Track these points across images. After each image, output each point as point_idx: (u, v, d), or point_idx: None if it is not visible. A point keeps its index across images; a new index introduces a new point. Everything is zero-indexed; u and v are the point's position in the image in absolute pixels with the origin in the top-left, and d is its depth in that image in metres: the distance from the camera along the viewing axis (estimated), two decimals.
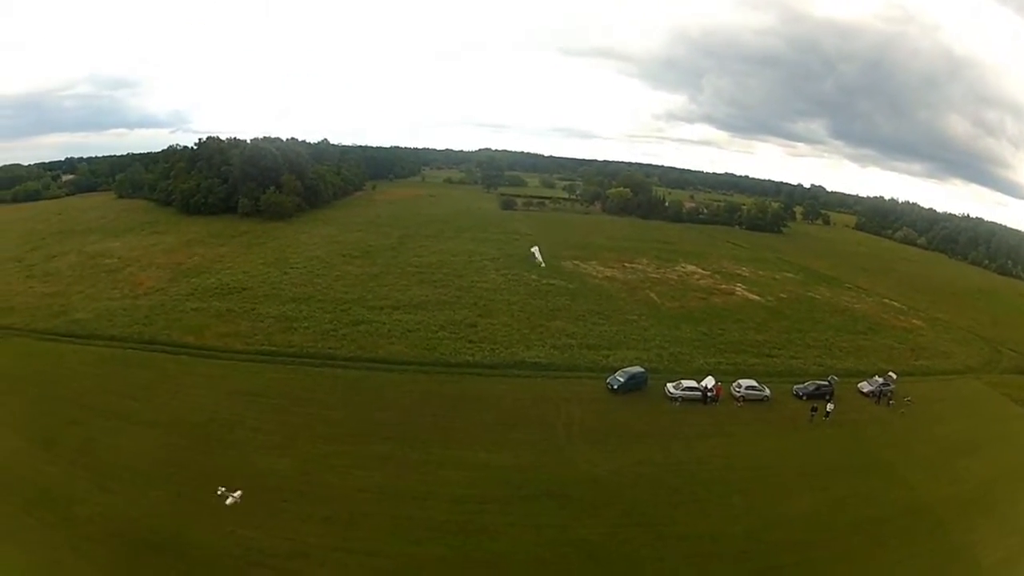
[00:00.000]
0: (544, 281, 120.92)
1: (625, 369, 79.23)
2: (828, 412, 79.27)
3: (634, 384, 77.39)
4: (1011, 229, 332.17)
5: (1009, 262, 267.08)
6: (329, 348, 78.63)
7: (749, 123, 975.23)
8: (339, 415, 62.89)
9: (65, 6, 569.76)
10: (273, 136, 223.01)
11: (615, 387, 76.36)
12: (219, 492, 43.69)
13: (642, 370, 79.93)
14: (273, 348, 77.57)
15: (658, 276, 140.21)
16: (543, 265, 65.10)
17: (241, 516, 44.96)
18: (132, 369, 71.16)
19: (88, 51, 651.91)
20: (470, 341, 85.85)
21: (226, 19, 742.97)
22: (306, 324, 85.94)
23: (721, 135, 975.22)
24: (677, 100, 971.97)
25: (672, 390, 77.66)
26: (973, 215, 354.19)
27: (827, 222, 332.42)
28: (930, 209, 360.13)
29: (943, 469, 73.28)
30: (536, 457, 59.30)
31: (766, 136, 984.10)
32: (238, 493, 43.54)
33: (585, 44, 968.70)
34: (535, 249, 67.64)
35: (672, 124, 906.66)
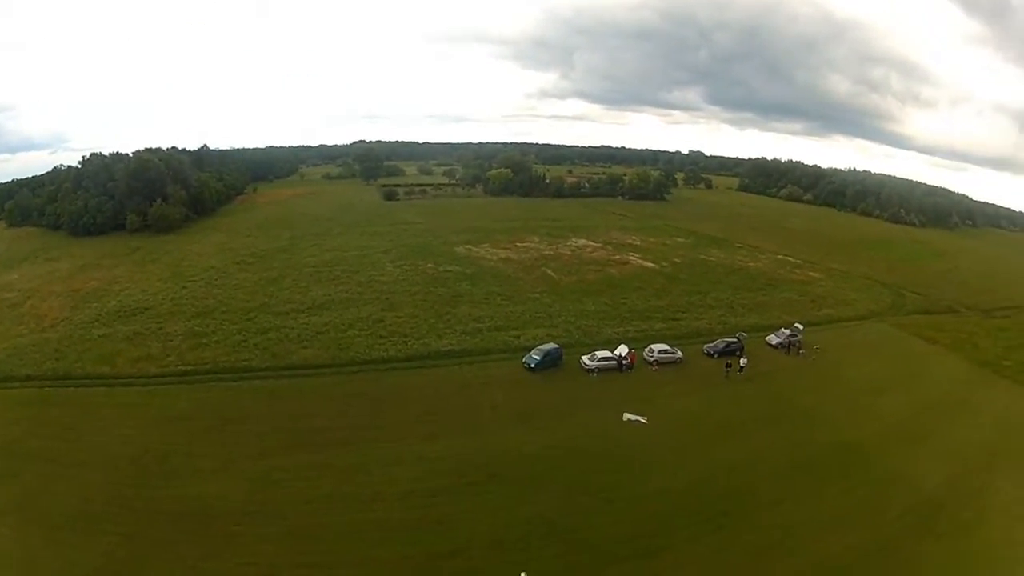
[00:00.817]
0: (441, 268, 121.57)
1: (539, 347, 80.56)
2: (742, 367, 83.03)
3: (550, 361, 78.66)
4: (901, 179, 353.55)
5: (901, 210, 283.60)
6: (243, 360, 76.78)
7: (623, 95, 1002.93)
8: (267, 428, 61.48)
9: None
10: (155, 147, 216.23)
11: (532, 365, 77.44)
12: None
13: (556, 346, 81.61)
14: (188, 367, 75.03)
15: (551, 252, 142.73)
16: (644, 421, 66.20)
17: (199, 548, 44.08)
18: (54, 409, 67.28)
19: None
20: (381, 336, 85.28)
21: (96, 32, 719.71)
22: (215, 338, 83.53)
23: (595, 108, 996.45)
24: (549, 78, 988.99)
25: (588, 362, 79.65)
26: (860, 168, 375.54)
27: (709, 186, 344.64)
28: (814, 166, 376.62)
29: (863, 408, 78.13)
30: (471, 443, 60.05)
31: (641, 107, 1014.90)
32: None
33: (457, 29, 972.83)
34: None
35: (545, 101, 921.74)
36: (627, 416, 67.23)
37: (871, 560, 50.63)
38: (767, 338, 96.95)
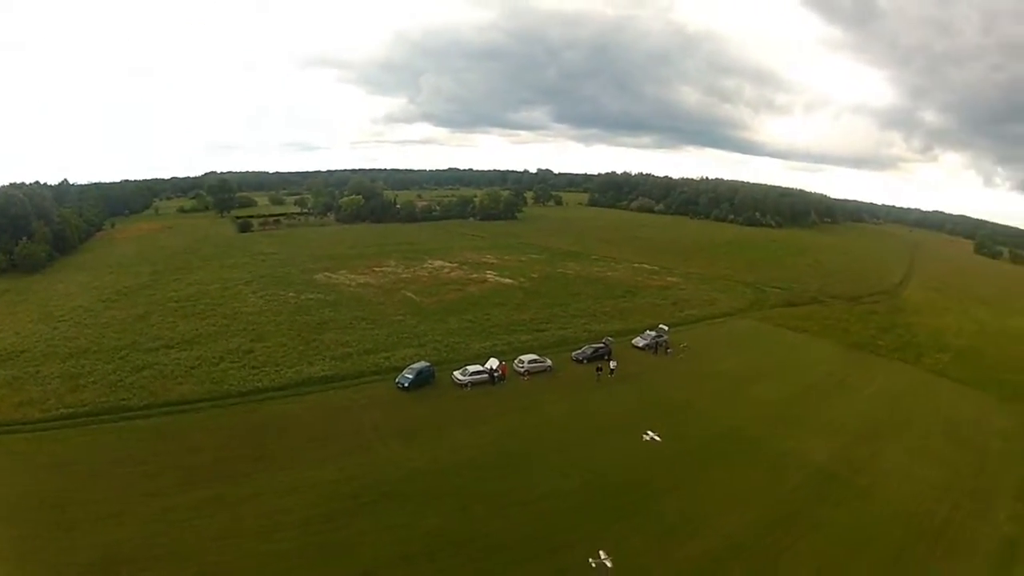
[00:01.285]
0: (303, 297, 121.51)
1: (411, 366, 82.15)
2: (612, 369, 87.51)
3: (423, 379, 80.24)
4: (754, 184, 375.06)
5: (756, 213, 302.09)
6: (122, 400, 73.99)
7: (470, 117, 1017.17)
8: (155, 467, 59.64)
9: None
10: (19, 182, 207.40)
11: (406, 385, 78.64)
12: None
13: (427, 364, 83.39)
14: (69, 410, 71.61)
15: (409, 275, 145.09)
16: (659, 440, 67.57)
17: None
18: None
19: None
20: (253, 367, 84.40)
21: None
22: (92, 378, 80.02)
23: (441, 132, 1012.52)
24: (396, 103, 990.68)
25: (460, 377, 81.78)
26: (713, 176, 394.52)
27: (559, 203, 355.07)
28: (665, 177, 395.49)
29: (740, 397, 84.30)
30: (359, 465, 60.52)
31: (488, 128, 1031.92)
32: None
33: (303, 54, 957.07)
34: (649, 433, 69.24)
35: (392, 126, 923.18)
36: (648, 435, 68.74)
37: (775, 531, 54.86)
38: (633, 341, 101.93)
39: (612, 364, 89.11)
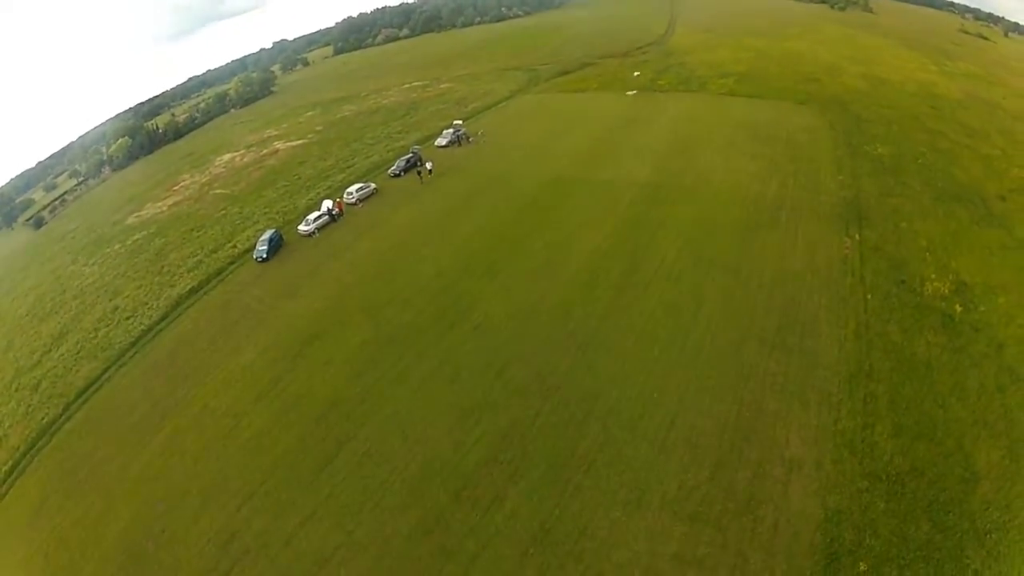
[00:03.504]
0: (130, 240, 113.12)
1: (260, 238, 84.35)
2: (430, 170, 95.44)
3: (276, 245, 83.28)
4: None
5: (503, 9, 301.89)
6: None
7: (192, 20, 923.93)
8: None
9: None
10: None
11: (265, 256, 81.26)
12: None
13: (272, 230, 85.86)
14: None
15: (207, 178, 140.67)
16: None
17: None
18: None
19: None
20: None
21: None
22: None
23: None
24: None
25: (304, 228, 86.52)
26: None
27: (307, 63, 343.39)
28: (401, 4, 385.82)
29: (548, 154, 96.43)
30: (267, 339, 63.72)
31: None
32: None
33: None
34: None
35: None
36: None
37: (632, 234, 68.46)
38: (436, 142, 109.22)
39: (428, 166, 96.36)
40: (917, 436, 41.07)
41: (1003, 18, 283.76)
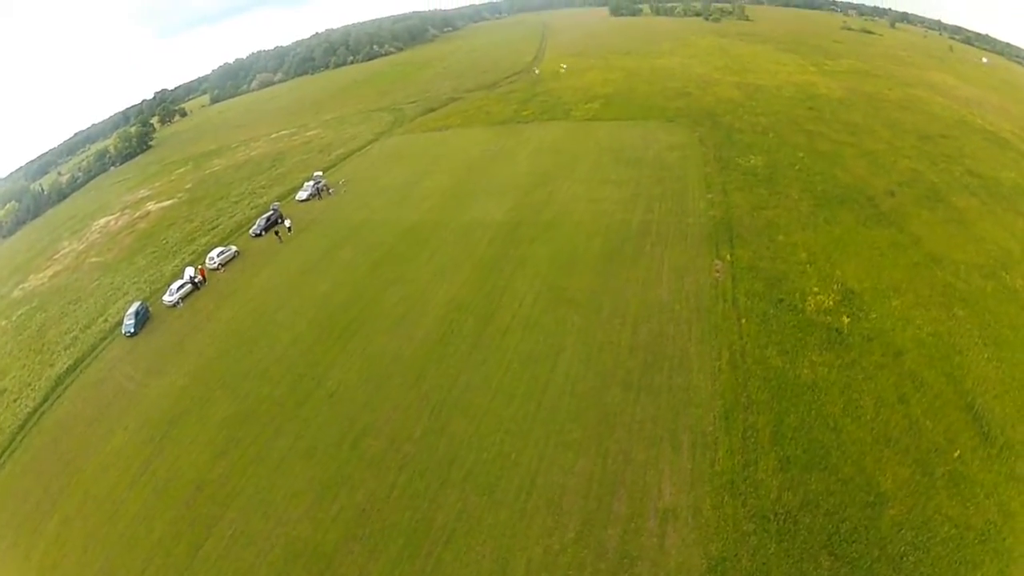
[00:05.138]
0: (15, 316, 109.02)
1: (127, 312, 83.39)
2: (289, 228, 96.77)
3: (142, 318, 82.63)
4: (366, 21, 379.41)
5: (374, 46, 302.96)
6: None
7: None
8: None
9: None
10: None
11: (133, 330, 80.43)
12: None
13: (139, 303, 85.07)
14: None
15: (83, 246, 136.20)
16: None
17: None
18: None
19: None
20: None
21: None
22: None
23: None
24: None
25: (168, 299, 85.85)
26: (323, 30, 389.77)
27: (184, 114, 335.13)
28: (276, 47, 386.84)
29: (409, 199, 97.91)
30: (125, 410, 65.11)
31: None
32: None
33: None
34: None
35: None
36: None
37: (488, 277, 70.23)
38: (296, 197, 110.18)
39: (287, 223, 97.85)
40: (807, 467, 40.16)
41: (890, 10, 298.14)
